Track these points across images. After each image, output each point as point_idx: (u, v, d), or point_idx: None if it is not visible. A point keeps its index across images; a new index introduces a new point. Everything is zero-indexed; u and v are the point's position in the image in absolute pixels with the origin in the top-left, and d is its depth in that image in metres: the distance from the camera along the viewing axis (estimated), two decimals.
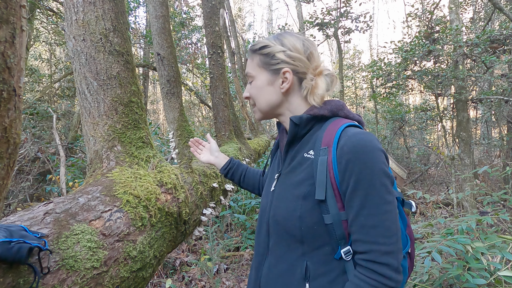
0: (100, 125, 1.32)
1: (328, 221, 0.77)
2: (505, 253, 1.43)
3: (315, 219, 0.78)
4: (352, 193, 0.74)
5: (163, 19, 2.00)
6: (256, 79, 0.93)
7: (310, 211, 0.79)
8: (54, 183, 4.06)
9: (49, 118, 5.83)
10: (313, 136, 0.87)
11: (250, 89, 0.96)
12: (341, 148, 0.76)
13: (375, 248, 0.71)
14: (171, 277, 3.07)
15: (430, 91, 6.10)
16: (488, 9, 6.91)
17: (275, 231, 0.87)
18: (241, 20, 18.38)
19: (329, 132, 0.81)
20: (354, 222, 0.74)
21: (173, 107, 1.97)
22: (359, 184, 0.73)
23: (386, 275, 0.70)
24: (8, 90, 0.59)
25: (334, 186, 0.77)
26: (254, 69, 0.94)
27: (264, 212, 0.94)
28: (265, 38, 0.95)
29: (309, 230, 0.79)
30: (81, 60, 1.32)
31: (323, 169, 0.77)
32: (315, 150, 0.82)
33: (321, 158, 0.79)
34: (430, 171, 8.48)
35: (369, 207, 0.72)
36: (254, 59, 0.94)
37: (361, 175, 0.72)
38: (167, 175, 1.44)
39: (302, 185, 0.82)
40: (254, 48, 0.94)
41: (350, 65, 13.00)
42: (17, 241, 0.72)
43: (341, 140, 0.77)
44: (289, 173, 0.88)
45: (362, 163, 0.72)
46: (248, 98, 0.98)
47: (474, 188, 2.66)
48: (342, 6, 7.51)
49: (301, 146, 0.89)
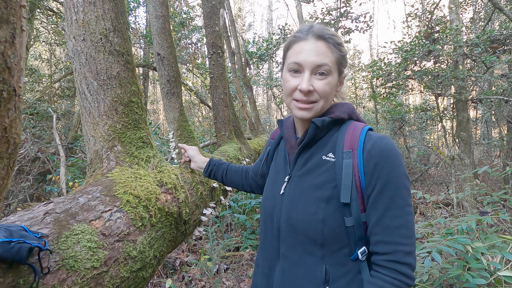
0: (100, 125, 1.32)
1: (349, 224, 0.78)
2: (505, 253, 1.43)
3: (338, 222, 0.79)
4: (378, 195, 0.75)
5: (163, 19, 2.00)
6: (332, 76, 0.83)
7: (332, 214, 0.79)
8: (54, 183, 4.06)
9: (49, 118, 5.83)
10: (331, 139, 0.86)
11: (319, 84, 0.81)
12: (368, 151, 0.77)
13: (399, 248, 0.73)
14: (171, 277, 3.07)
15: (430, 91, 6.10)
16: (488, 9, 6.91)
17: (290, 236, 0.84)
18: (241, 20, 18.39)
19: (350, 135, 0.82)
20: (378, 223, 0.75)
21: (173, 107, 1.97)
22: (386, 186, 0.75)
23: (408, 274, 0.72)
24: (8, 90, 0.59)
25: (358, 189, 0.78)
26: (332, 64, 0.82)
27: (272, 216, 0.90)
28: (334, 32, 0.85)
29: (331, 233, 0.79)
30: (81, 60, 1.32)
31: (348, 172, 0.78)
32: (337, 153, 0.81)
33: (345, 161, 0.79)
34: (430, 171, 8.48)
35: (394, 208, 0.74)
36: (334, 53, 0.82)
37: (388, 178, 0.75)
38: (167, 175, 1.44)
39: (323, 188, 0.81)
40: (336, 40, 0.82)
41: (350, 65, 13.00)
42: (17, 241, 0.72)
43: (366, 143, 0.79)
44: (304, 176, 0.86)
45: (390, 167, 0.75)
46: (308, 92, 0.81)
47: (474, 188, 2.66)
48: (342, 6, 7.51)
49: (317, 148, 0.87)
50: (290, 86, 0.84)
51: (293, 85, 0.83)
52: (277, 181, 0.94)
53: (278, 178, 0.94)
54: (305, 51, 0.81)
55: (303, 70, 0.82)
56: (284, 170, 0.93)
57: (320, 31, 0.82)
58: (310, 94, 0.82)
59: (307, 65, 0.81)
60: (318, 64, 0.80)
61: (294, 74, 0.83)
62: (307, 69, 0.81)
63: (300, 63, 0.81)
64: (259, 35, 11.53)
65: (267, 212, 0.92)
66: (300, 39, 0.83)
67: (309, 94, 0.82)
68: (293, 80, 0.83)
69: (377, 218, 0.76)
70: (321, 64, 0.80)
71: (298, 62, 0.81)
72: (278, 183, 0.93)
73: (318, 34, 0.81)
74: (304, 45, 0.82)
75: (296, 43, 0.84)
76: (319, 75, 0.81)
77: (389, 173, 0.75)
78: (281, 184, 0.91)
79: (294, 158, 0.90)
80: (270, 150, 1.05)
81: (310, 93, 0.82)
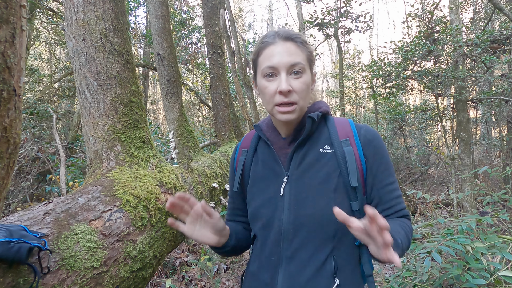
0: (100, 125, 1.32)
1: (355, 208, 0.84)
2: (505, 253, 1.43)
3: (347, 208, 0.83)
4: (384, 172, 0.87)
5: (163, 19, 2.00)
6: (306, 74, 0.84)
7: (342, 202, 0.83)
8: (54, 183, 4.06)
9: (49, 118, 5.83)
10: (322, 133, 0.90)
11: (296, 83, 0.82)
12: (364, 136, 0.87)
13: (406, 212, 0.89)
14: (171, 277, 3.07)
15: (430, 91, 6.10)
16: (488, 9, 6.91)
17: (298, 236, 0.83)
18: (241, 20, 18.39)
19: (340, 126, 0.90)
20: (391, 195, 0.87)
21: (173, 107, 1.97)
22: (387, 164, 0.87)
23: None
24: (8, 90, 0.59)
25: (360, 172, 0.85)
26: (304, 62, 0.84)
27: (271, 221, 0.86)
28: (299, 32, 0.88)
29: None
30: (81, 60, 1.32)
31: (352, 158, 0.84)
32: (334, 143, 0.87)
33: (346, 149, 0.85)
34: (430, 171, 8.47)
35: (396, 180, 0.89)
36: (303, 51, 0.84)
37: (386, 156, 0.88)
38: (167, 175, 1.44)
39: (329, 179, 0.84)
40: (302, 39, 0.85)
41: (350, 65, 12.99)
42: (17, 241, 0.72)
43: (360, 130, 0.88)
44: (305, 172, 0.86)
45: (383, 146, 0.88)
46: (288, 92, 0.81)
47: (474, 188, 2.66)
48: (342, 6, 7.51)
49: (311, 144, 0.89)
50: (269, 92, 0.83)
51: (272, 90, 0.83)
52: (268, 185, 0.90)
53: (270, 181, 0.90)
54: (277, 54, 0.82)
55: (278, 72, 0.82)
56: (275, 172, 0.90)
57: (286, 33, 0.85)
58: (290, 94, 0.82)
59: (281, 66, 0.81)
60: (292, 64, 0.81)
61: (269, 79, 0.84)
62: (282, 70, 0.82)
63: (274, 66, 0.82)
64: (259, 35, 11.54)
65: (265, 219, 0.88)
66: (269, 43, 0.84)
67: (289, 94, 0.82)
68: (271, 85, 0.83)
69: (387, 191, 0.87)
70: (294, 63, 0.82)
71: (272, 65, 0.82)
72: (271, 186, 0.90)
73: (285, 36, 0.84)
74: (274, 48, 0.83)
75: (265, 49, 0.85)
76: (294, 74, 0.82)
77: (385, 152, 0.88)
78: (276, 187, 0.88)
79: (288, 157, 0.89)
80: (247, 160, 0.99)
81: (290, 93, 0.82)
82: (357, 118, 12.73)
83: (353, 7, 7.61)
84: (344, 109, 8.82)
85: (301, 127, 0.89)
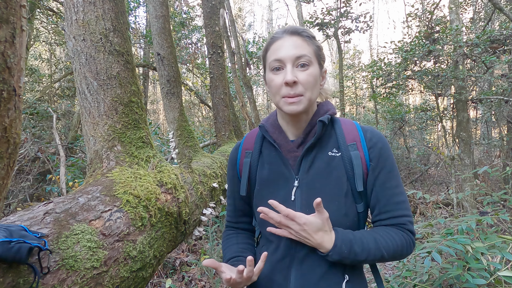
0: (100, 125, 1.32)
1: (360, 210, 0.87)
2: (505, 253, 1.43)
3: (354, 211, 0.86)
4: (386, 174, 0.86)
5: (163, 19, 2.00)
6: (313, 66, 0.85)
7: (350, 206, 0.85)
8: (54, 183, 4.06)
9: (49, 118, 5.82)
10: (330, 135, 0.90)
11: (302, 75, 0.82)
12: (370, 140, 0.87)
13: (410, 220, 0.86)
14: (171, 277, 3.07)
15: (430, 91, 6.10)
16: (488, 9, 6.91)
17: None
18: (241, 20, 18.39)
19: (347, 129, 0.90)
20: (391, 199, 0.85)
21: (173, 107, 1.97)
22: (392, 167, 0.87)
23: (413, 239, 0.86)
24: (8, 90, 0.59)
25: (365, 175, 0.87)
26: (311, 55, 0.85)
27: None
28: (307, 28, 0.89)
29: (351, 224, 0.86)
30: (81, 60, 1.32)
31: (358, 163, 0.85)
32: (341, 147, 0.87)
33: (353, 153, 0.86)
34: (430, 171, 8.47)
35: (400, 186, 0.87)
36: (310, 45, 0.86)
37: (392, 159, 0.88)
38: (167, 175, 1.44)
39: (339, 183, 0.85)
40: (309, 33, 0.87)
41: (350, 65, 12.99)
42: (17, 241, 0.72)
43: (366, 134, 0.88)
44: (316, 176, 0.86)
45: (389, 150, 0.88)
46: (294, 83, 0.82)
47: (474, 188, 2.66)
48: (342, 6, 7.51)
49: (320, 147, 0.88)
50: (276, 84, 0.85)
51: (278, 82, 0.84)
52: (278, 189, 0.89)
53: (279, 186, 0.90)
54: (284, 47, 0.84)
55: (284, 65, 0.84)
56: (284, 176, 0.89)
57: (293, 28, 0.87)
58: (295, 85, 0.83)
59: (287, 59, 0.83)
60: (298, 56, 0.83)
61: (276, 72, 0.85)
62: (288, 62, 0.83)
63: (280, 59, 0.84)
64: (259, 35, 11.55)
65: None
66: (276, 39, 0.87)
67: (294, 85, 0.82)
68: (277, 77, 0.85)
69: (389, 195, 0.85)
70: (300, 55, 0.83)
71: (279, 58, 0.84)
72: (281, 191, 0.89)
73: (292, 31, 0.87)
74: (281, 42, 0.86)
75: (273, 44, 0.87)
76: (300, 67, 0.83)
77: (390, 154, 0.88)
78: (287, 191, 0.88)
79: (298, 161, 0.88)
80: (252, 162, 0.96)
81: (296, 85, 0.82)
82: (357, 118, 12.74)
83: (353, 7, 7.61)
84: (344, 109, 8.82)
85: (310, 129, 0.88)
